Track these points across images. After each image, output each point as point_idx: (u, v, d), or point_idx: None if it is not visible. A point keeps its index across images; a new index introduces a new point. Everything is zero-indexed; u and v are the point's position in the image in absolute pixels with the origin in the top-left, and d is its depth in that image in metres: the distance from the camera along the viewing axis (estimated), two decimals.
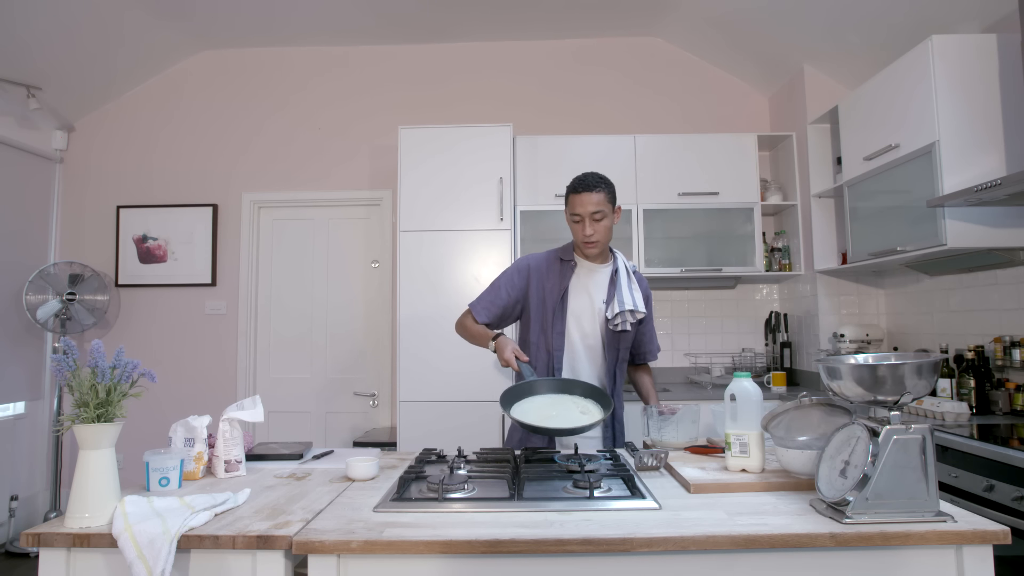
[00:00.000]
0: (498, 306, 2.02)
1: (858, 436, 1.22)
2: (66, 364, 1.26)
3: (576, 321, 1.97)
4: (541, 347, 1.98)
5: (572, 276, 1.99)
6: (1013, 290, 2.53)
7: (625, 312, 1.92)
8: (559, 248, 2.08)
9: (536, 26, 3.86)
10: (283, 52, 4.08)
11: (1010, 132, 2.38)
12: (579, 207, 1.91)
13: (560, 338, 1.96)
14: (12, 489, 3.62)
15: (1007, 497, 1.78)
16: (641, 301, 1.96)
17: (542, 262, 2.03)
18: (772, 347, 3.73)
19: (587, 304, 1.98)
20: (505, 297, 2.02)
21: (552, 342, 1.95)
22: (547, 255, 2.06)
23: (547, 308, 1.97)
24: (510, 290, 2.02)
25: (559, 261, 2.02)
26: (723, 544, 1.10)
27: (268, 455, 1.80)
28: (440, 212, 3.28)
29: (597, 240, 1.93)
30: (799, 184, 3.57)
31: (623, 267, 2.00)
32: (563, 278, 1.99)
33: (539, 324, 1.99)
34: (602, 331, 1.98)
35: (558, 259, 2.03)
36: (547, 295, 1.98)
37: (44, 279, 3.66)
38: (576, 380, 1.85)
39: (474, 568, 1.14)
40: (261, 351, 3.99)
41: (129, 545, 1.12)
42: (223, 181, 4.03)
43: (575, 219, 1.93)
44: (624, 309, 1.91)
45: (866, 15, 2.93)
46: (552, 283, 1.99)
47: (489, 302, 2.03)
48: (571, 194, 1.94)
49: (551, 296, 1.97)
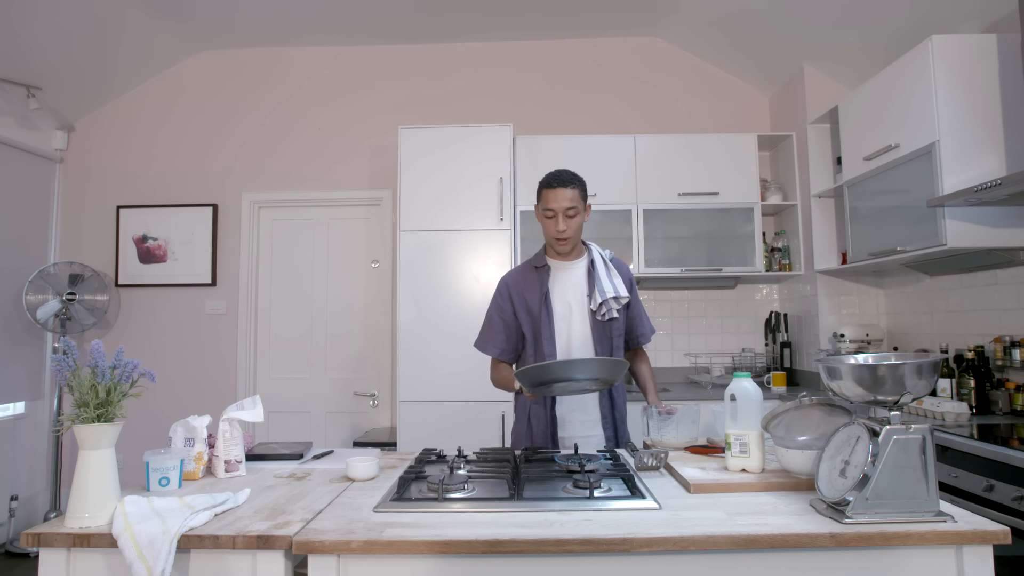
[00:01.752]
0: (499, 334, 2.02)
1: (858, 436, 1.22)
2: (66, 364, 1.26)
3: (564, 323, 1.96)
4: (537, 359, 1.96)
5: (549, 280, 1.98)
6: (1013, 290, 2.53)
7: (608, 300, 1.91)
8: (531, 258, 2.08)
9: (536, 26, 3.86)
10: (283, 52, 4.08)
11: (1010, 132, 2.38)
12: (553, 202, 1.90)
13: (551, 344, 1.94)
14: (12, 489, 3.62)
15: (1007, 497, 1.78)
16: (622, 285, 1.95)
17: (518, 276, 2.04)
18: (772, 347, 3.73)
19: (570, 302, 1.97)
20: (500, 324, 2.02)
21: (544, 350, 1.93)
22: (521, 268, 2.07)
23: (533, 318, 1.97)
24: (502, 315, 2.02)
25: (533, 270, 2.02)
26: (723, 544, 1.10)
27: (268, 455, 1.80)
28: (440, 212, 3.28)
29: (569, 236, 1.93)
30: (799, 184, 3.57)
31: (599, 257, 2.00)
32: (540, 284, 1.98)
33: (531, 336, 1.98)
34: (591, 325, 1.97)
35: (532, 268, 2.03)
36: (530, 306, 1.98)
37: (44, 279, 3.66)
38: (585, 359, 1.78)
39: (474, 568, 1.14)
40: (261, 351, 3.99)
41: (129, 545, 1.12)
42: (223, 181, 4.03)
43: (548, 215, 1.92)
44: (607, 297, 1.91)
45: (866, 15, 2.93)
46: (531, 292, 1.99)
47: (490, 334, 2.04)
48: (545, 189, 1.93)
49: (533, 305, 1.97)
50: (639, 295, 2.10)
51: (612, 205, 3.50)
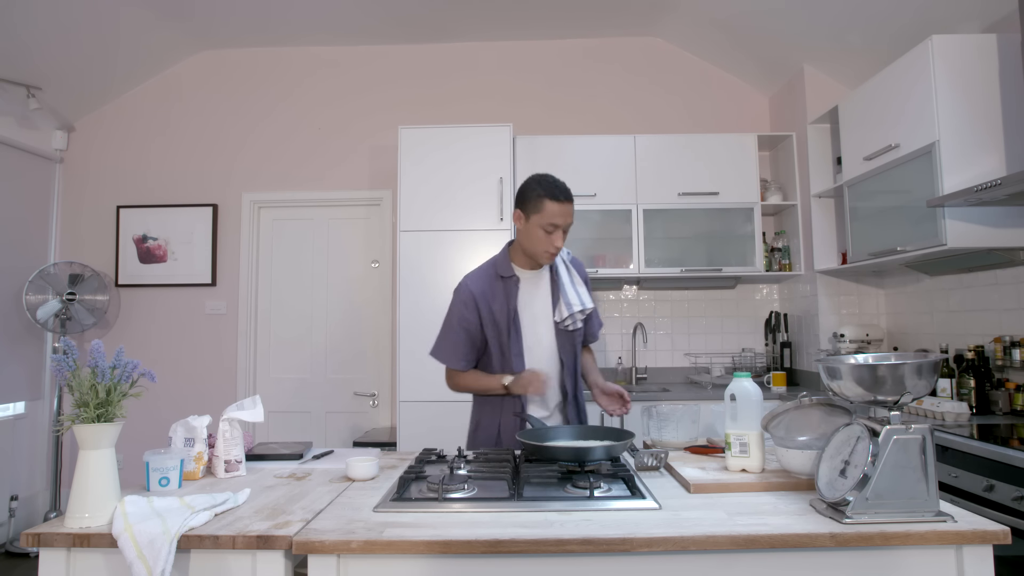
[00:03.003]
0: (462, 345, 1.90)
1: (858, 436, 1.22)
2: (66, 364, 1.26)
3: (531, 333, 1.90)
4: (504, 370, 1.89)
5: (518, 293, 1.89)
6: (1013, 290, 2.53)
7: (575, 314, 1.87)
8: (492, 264, 1.94)
9: (536, 26, 3.86)
10: (282, 52, 4.08)
11: (1010, 132, 2.38)
12: (559, 217, 1.79)
13: (520, 359, 1.88)
14: (12, 489, 3.62)
15: (1007, 497, 1.78)
16: (587, 294, 1.91)
17: (483, 285, 1.89)
18: (772, 347, 3.73)
19: (536, 314, 1.90)
20: (463, 335, 1.89)
21: (512, 364, 1.87)
22: (484, 276, 1.92)
23: (499, 331, 1.88)
24: (465, 326, 1.88)
25: (499, 279, 1.90)
26: (723, 544, 1.10)
27: (268, 455, 1.80)
28: (440, 212, 3.28)
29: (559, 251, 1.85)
30: (799, 184, 3.57)
31: (561, 263, 1.93)
32: (509, 297, 1.88)
33: (497, 349, 1.90)
34: (556, 334, 1.92)
35: (498, 277, 1.90)
36: (496, 318, 1.87)
37: (44, 279, 3.66)
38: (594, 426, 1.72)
39: (474, 568, 1.14)
40: (261, 351, 3.99)
41: (129, 545, 1.12)
42: (223, 181, 4.03)
43: (549, 229, 1.79)
44: (574, 311, 1.86)
45: (866, 15, 2.93)
46: (499, 305, 1.87)
47: (453, 346, 1.90)
48: (549, 201, 1.78)
49: (500, 318, 1.87)
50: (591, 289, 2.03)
51: (612, 205, 3.50)
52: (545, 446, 1.55)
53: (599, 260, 3.54)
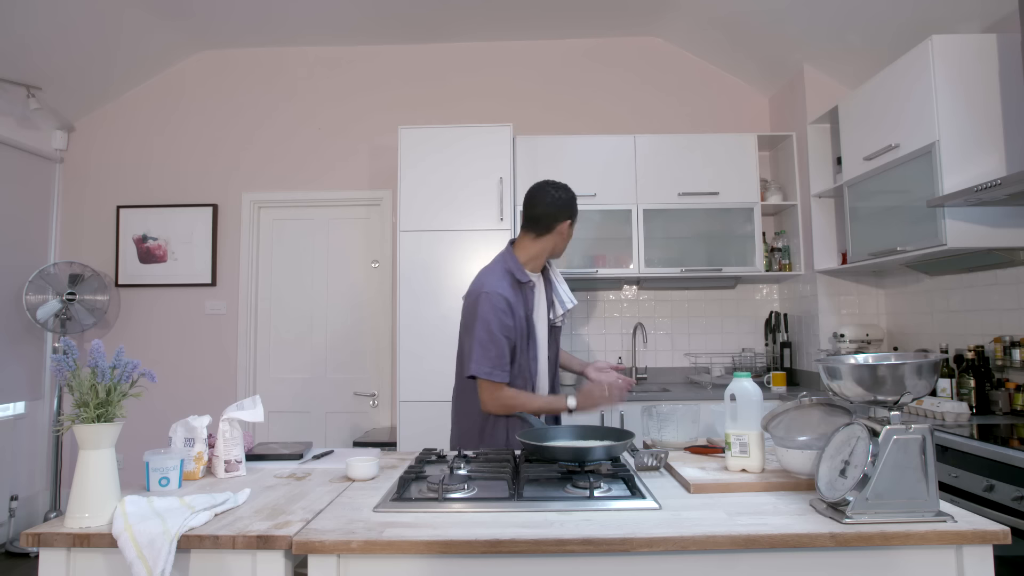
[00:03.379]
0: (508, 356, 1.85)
1: (858, 436, 1.22)
2: (66, 364, 1.26)
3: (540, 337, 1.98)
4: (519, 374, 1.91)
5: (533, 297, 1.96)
6: (1013, 290, 2.53)
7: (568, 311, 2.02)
8: (504, 269, 1.93)
9: (536, 26, 3.86)
10: (282, 52, 4.08)
11: (1010, 132, 2.38)
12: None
13: (535, 363, 1.92)
14: (12, 489, 3.62)
15: (1007, 497, 1.78)
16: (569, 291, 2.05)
17: (509, 292, 1.87)
18: (772, 347, 3.73)
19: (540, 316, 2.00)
20: (507, 345, 1.84)
21: (530, 367, 1.91)
22: (507, 282, 1.90)
23: (521, 338, 1.89)
24: (508, 334, 1.84)
25: (519, 284, 1.92)
26: (723, 544, 1.10)
27: (268, 455, 1.80)
28: (440, 212, 3.28)
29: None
30: (799, 184, 3.57)
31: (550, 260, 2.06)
32: (527, 301, 1.92)
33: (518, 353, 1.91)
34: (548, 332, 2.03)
35: (517, 283, 1.92)
36: (519, 325, 1.89)
37: (44, 279, 3.66)
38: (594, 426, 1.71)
39: (474, 568, 1.14)
40: (261, 351, 3.99)
41: (129, 545, 1.12)
42: (223, 181, 4.03)
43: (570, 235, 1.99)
44: (567, 309, 2.00)
45: (866, 15, 2.93)
46: (520, 310, 1.90)
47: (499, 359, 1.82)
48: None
49: (522, 323, 1.90)
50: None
51: (612, 205, 3.50)
52: (545, 446, 1.56)
53: (599, 260, 3.54)
